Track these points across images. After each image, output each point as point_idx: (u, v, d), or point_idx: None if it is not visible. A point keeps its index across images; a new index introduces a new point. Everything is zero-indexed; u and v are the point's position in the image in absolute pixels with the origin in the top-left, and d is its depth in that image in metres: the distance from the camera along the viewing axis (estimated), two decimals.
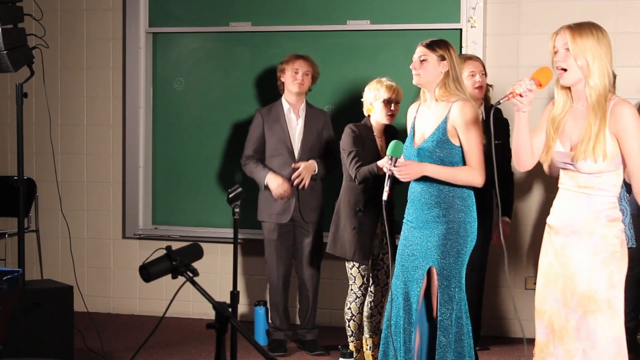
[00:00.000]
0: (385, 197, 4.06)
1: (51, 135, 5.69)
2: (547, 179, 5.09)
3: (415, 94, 4.87)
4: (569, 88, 3.32)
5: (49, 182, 6.04)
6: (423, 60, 4.05)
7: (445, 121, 3.99)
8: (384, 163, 4.25)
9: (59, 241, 6.43)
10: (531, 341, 5.07)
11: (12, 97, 5.86)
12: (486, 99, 5.04)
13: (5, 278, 3.81)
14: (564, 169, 3.36)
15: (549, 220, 3.44)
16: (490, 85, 5.09)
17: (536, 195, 5.66)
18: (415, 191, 4.10)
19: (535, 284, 3.55)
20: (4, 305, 3.82)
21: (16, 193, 5.01)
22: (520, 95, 3.22)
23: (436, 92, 4.06)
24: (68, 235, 5.60)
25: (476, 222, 4.07)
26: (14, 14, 4.87)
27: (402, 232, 4.17)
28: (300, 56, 5.40)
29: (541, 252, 3.43)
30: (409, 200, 4.15)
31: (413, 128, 4.14)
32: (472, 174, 3.99)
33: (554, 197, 4.93)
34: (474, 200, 4.08)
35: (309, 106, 5.47)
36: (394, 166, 4.01)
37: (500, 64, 5.68)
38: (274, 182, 5.27)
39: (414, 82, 4.12)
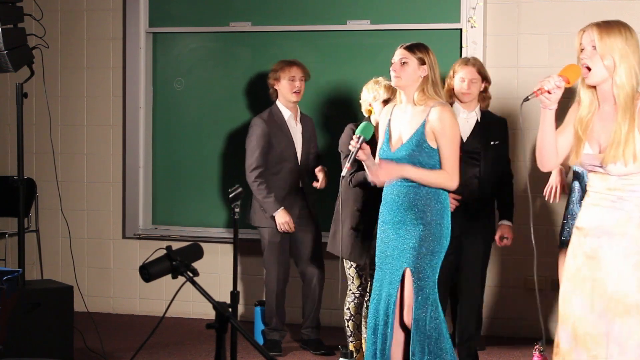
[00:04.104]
0: (344, 172, 4.18)
1: (51, 135, 5.69)
2: (545, 179, 5.11)
3: None
4: (595, 87, 3.24)
5: (49, 182, 6.04)
6: (404, 62, 4.09)
7: (423, 125, 4.02)
8: (351, 142, 4.13)
9: (59, 241, 6.43)
10: (531, 341, 5.10)
11: (12, 97, 5.85)
12: (484, 100, 5.01)
13: (5, 278, 3.81)
14: (592, 171, 3.27)
15: (577, 222, 3.32)
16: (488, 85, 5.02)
17: (535, 194, 5.66)
18: (389, 193, 4.12)
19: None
20: (4, 305, 3.83)
21: (16, 193, 5.01)
22: (549, 92, 3.15)
23: (415, 96, 4.08)
24: (68, 235, 5.59)
25: (450, 224, 4.10)
26: (14, 14, 4.88)
27: (377, 234, 4.18)
28: (293, 62, 5.36)
29: (568, 256, 3.33)
30: (383, 202, 4.16)
31: (389, 130, 4.16)
32: (447, 178, 4.03)
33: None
34: (449, 202, 4.13)
35: (300, 112, 5.49)
36: (360, 148, 4.02)
37: (500, 64, 5.68)
38: (282, 219, 5.28)
39: (393, 84, 4.17)
